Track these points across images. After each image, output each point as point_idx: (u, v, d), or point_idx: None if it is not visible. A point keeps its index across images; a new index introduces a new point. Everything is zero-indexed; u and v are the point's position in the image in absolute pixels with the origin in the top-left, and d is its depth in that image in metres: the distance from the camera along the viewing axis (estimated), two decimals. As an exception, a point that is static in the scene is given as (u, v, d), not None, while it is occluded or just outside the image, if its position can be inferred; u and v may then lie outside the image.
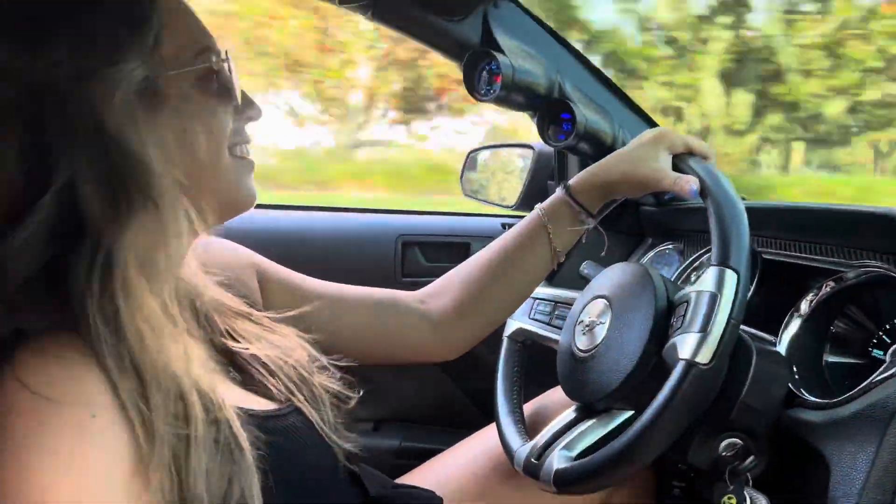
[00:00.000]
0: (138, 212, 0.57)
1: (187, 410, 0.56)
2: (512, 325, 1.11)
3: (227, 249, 0.86)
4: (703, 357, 0.70)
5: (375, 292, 0.95)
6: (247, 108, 0.71)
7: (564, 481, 0.80)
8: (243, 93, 0.70)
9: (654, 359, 0.77)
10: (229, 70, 0.67)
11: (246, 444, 0.59)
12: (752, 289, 0.97)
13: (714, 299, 0.71)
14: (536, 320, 1.08)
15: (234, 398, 0.63)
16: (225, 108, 0.67)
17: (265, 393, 0.71)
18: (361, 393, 0.81)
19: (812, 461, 0.76)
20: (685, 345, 0.71)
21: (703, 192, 0.81)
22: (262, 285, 0.87)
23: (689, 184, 0.82)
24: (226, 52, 0.67)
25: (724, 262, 0.73)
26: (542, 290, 1.10)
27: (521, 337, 1.10)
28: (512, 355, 1.10)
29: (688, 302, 0.74)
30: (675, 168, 0.87)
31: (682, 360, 0.71)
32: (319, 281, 0.93)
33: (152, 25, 0.60)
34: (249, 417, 0.62)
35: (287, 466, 0.64)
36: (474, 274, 0.94)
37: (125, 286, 0.55)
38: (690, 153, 0.88)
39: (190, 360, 0.59)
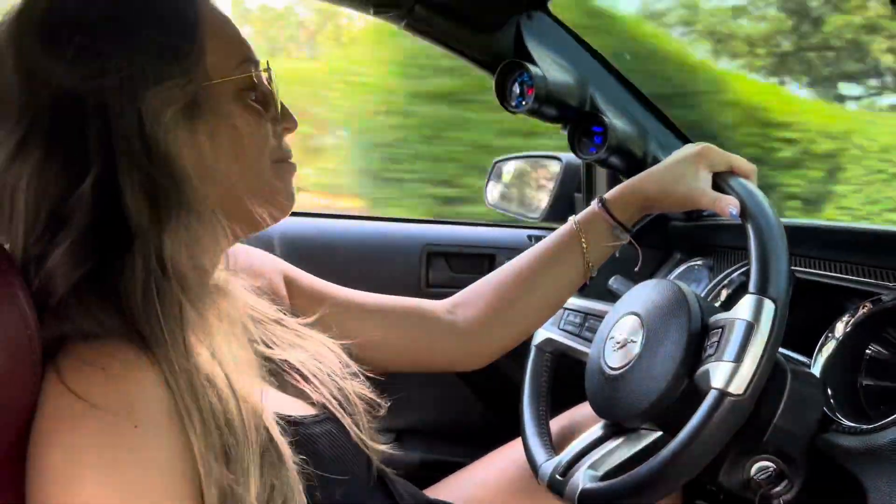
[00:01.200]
0: (180, 221, 0.57)
1: (233, 417, 0.56)
2: (541, 335, 1.10)
3: (256, 257, 0.86)
4: (737, 388, 0.68)
5: (402, 301, 0.95)
6: (285, 120, 0.71)
7: (589, 501, 0.79)
8: (281, 104, 0.70)
9: (686, 381, 0.75)
10: (269, 81, 0.68)
11: (287, 451, 0.59)
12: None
13: (750, 329, 0.70)
14: (566, 331, 1.07)
15: (271, 404, 0.63)
16: (264, 119, 0.67)
17: (299, 399, 0.71)
18: (390, 401, 0.81)
19: (848, 487, 0.74)
20: (718, 373, 0.70)
21: (744, 214, 0.79)
22: (290, 292, 0.88)
23: (730, 205, 0.80)
24: (266, 63, 0.68)
25: (762, 291, 0.71)
26: (573, 301, 1.09)
27: (550, 347, 1.09)
28: (540, 365, 1.09)
29: (723, 328, 0.73)
30: (716, 186, 0.85)
31: (714, 389, 0.69)
32: (346, 289, 0.93)
33: (197, 38, 0.61)
34: (287, 424, 0.63)
35: (323, 472, 0.64)
36: (505, 284, 0.94)
37: (171, 294, 0.56)
38: (731, 171, 0.86)
39: (234, 367, 0.59)
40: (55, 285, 0.55)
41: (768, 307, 0.70)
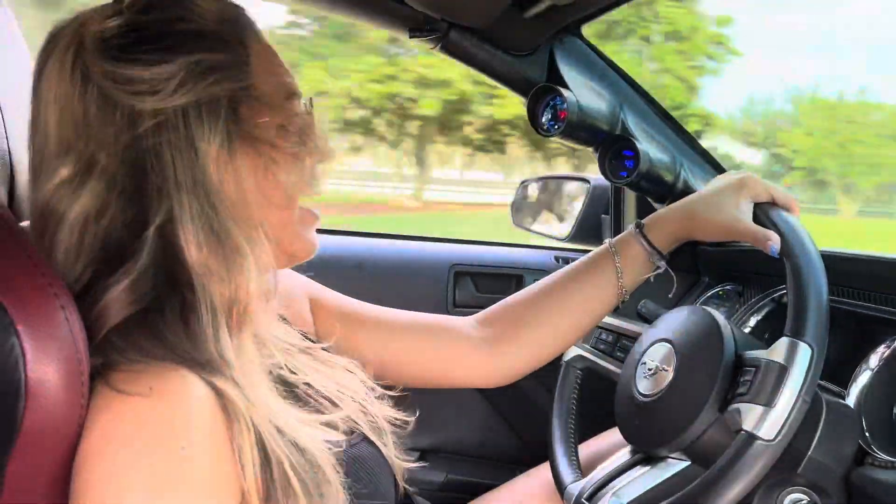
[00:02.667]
0: (243, 253, 0.59)
1: (282, 443, 0.57)
2: (572, 351, 1.10)
3: (283, 280, 0.87)
4: (767, 433, 0.68)
5: (426, 317, 0.95)
6: (324, 149, 0.71)
7: None
8: (322, 136, 0.71)
9: (717, 415, 0.75)
10: (310, 114, 0.69)
11: (334, 476, 0.60)
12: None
13: (784, 373, 0.69)
14: (598, 349, 1.07)
15: (309, 429, 0.63)
16: (305, 153, 0.68)
17: (328, 424, 0.72)
18: (414, 420, 0.81)
19: (884, 522, 0.73)
20: (749, 416, 0.69)
21: (785, 251, 0.78)
22: (315, 311, 0.88)
23: (770, 241, 0.79)
24: (310, 100, 0.69)
25: (798, 335, 0.71)
26: (606, 320, 1.09)
27: (581, 364, 1.09)
28: (570, 382, 1.08)
29: (757, 367, 0.72)
30: (756, 218, 0.84)
31: (744, 431, 0.69)
32: (370, 305, 0.93)
33: (245, 70, 0.62)
34: (329, 448, 0.63)
35: (360, 497, 0.64)
36: (535, 302, 0.93)
37: (223, 325, 0.57)
38: (773, 203, 0.85)
39: (275, 395, 0.60)
40: (107, 318, 0.55)
41: (804, 351, 0.70)
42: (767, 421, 0.68)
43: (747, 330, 1.10)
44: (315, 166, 0.71)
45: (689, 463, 0.82)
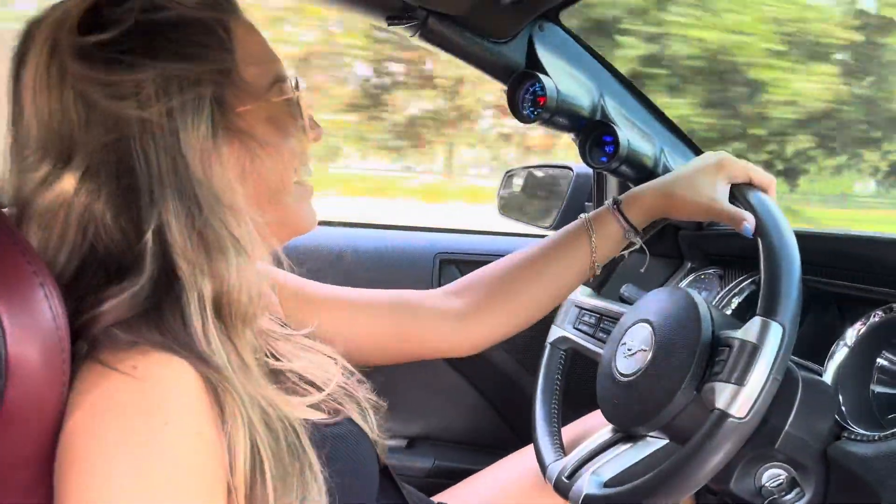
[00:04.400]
0: (226, 248, 0.59)
1: (268, 426, 0.57)
2: (556, 333, 1.11)
3: None
4: (739, 410, 0.69)
5: (390, 293, 0.95)
6: (312, 129, 0.72)
7: None
8: (310, 116, 0.71)
9: (694, 394, 0.76)
10: (298, 97, 0.68)
11: (315, 461, 0.60)
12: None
13: (755, 352, 0.70)
14: (581, 331, 1.08)
15: (292, 411, 0.64)
16: (294, 134, 0.68)
17: (311, 406, 0.72)
18: (390, 400, 0.81)
19: (861, 495, 0.74)
20: (722, 394, 0.71)
21: (759, 231, 0.79)
22: (279, 297, 0.88)
23: (745, 221, 0.80)
24: (296, 79, 0.69)
25: (770, 314, 0.71)
26: (589, 301, 1.09)
27: (565, 345, 1.10)
28: (554, 362, 1.09)
29: (731, 347, 0.73)
30: (732, 198, 0.84)
31: (717, 409, 0.70)
32: (333, 287, 0.93)
33: (229, 56, 0.61)
34: (313, 427, 0.63)
35: (344, 475, 0.65)
36: (508, 273, 0.94)
37: (209, 317, 0.58)
38: (750, 183, 0.86)
39: (261, 380, 0.60)
40: (108, 318, 0.56)
41: (775, 331, 0.71)
42: (739, 399, 0.69)
43: (729, 312, 1.12)
44: (306, 147, 0.71)
45: (668, 441, 0.83)
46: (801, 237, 0.79)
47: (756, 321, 0.72)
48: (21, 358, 0.48)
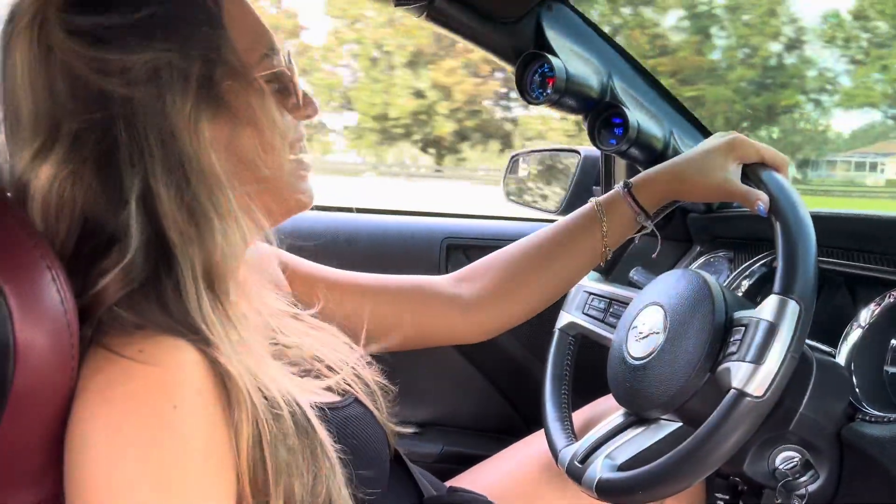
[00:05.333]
0: (215, 225, 0.58)
1: (274, 406, 0.57)
2: (565, 318, 1.10)
3: (255, 248, 0.87)
4: (756, 389, 0.68)
5: (399, 278, 0.94)
6: (306, 107, 0.71)
7: (606, 491, 0.80)
8: (302, 90, 0.70)
9: (708, 376, 0.75)
10: (291, 71, 0.67)
11: (327, 439, 0.60)
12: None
13: (772, 330, 0.69)
14: (590, 316, 1.07)
15: (301, 392, 0.64)
16: (286, 109, 0.67)
17: (321, 386, 0.72)
18: (398, 386, 0.80)
19: (875, 476, 0.74)
20: (738, 374, 0.70)
21: (773, 210, 0.77)
22: (288, 279, 0.87)
23: (759, 200, 0.78)
24: (288, 53, 0.68)
25: (787, 292, 0.70)
26: (598, 286, 1.08)
27: (574, 331, 1.09)
28: (563, 348, 1.08)
29: (746, 326, 0.72)
30: (745, 179, 0.83)
31: (734, 389, 0.69)
32: (342, 271, 0.93)
33: (219, 31, 0.61)
34: (319, 410, 0.63)
35: (355, 456, 0.65)
36: (517, 260, 0.93)
37: (211, 293, 0.58)
38: (762, 163, 0.84)
39: (266, 360, 0.60)
40: (105, 299, 0.55)
41: (792, 308, 0.70)
42: (757, 377, 0.68)
43: (739, 294, 1.11)
44: (299, 122, 0.70)
45: (681, 425, 0.83)
46: (814, 218, 0.78)
47: (773, 299, 0.71)
48: (30, 343, 0.48)
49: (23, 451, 0.51)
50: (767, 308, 0.71)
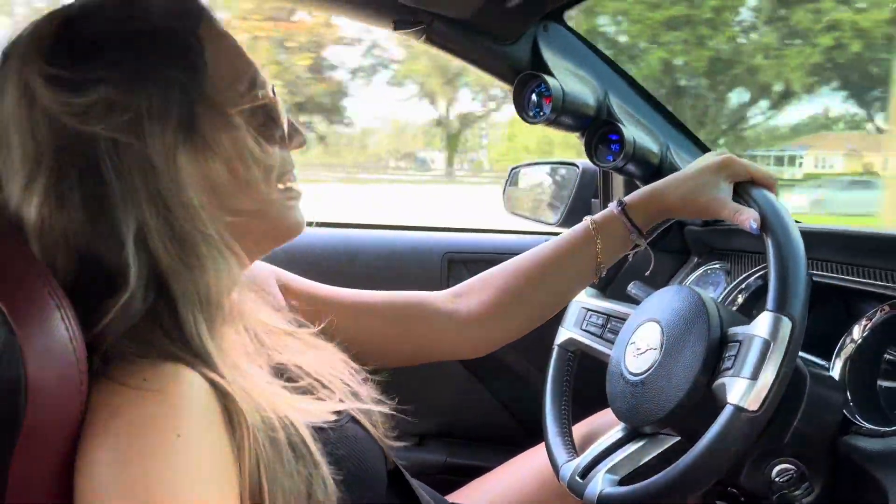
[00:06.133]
0: (202, 251, 0.59)
1: (270, 428, 0.58)
2: (563, 335, 1.12)
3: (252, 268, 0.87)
4: (752, 404, 0.70)
5: (396, 295, 0.95)
6: (293, 137, 0.71)
7: None
8: (289, 121, 0.70)
9: (704, 391, 0.77)
10: (275, 102, 0.68)
11: (321, 460, 0.61)
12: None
13: (766, 347, 0.71)
14: (588, 332, 1.08)
15: (296, 411, 0.65)
16: (273, 141, 0.67)
17: (318, 404, 0.72)
18: (397, 401, 0.81)
19: (869, 489, 0.75)
20: (734, 389, 0.71)
21: (764, 227, 0.79)
22: (285, 297, 0.88)
23: (750, 219, 0.80)
24: (272, 86, 0.68)
25: (779, 309, 0.72)
26: (595, 303, 1.10)
27: (573, 347, 1.10)
28: (562, 364, 1.10)
29: (740, 343, 0.74)
30: (737, 197, 0.85)
31: (730, 404, 0.71)
32: (339, 289, 0.93)
33: (200, 65, 0.61)
34: (315, 430, 0.64)
35: (350, 475, 0.66)
36: (513, 276, 0.94)
37: (207, 320, 0.59)
38: (752, 182, 0.86)
39: (261, 382, 0.61)
40: (109, 335, 0.56)
41: (785, 325, 0.71)
42: (753, 393, 0.70)
43: (735, 307, 1.12)
44: (286, 153, 0.70)
45: (680, 439, 0.84)
46: (806, 234, 0.80)
47: (766, 316, 0.73)
48: (40, 379, 0.49)
49: (34, 484, 0.51)
50: (761, 325, 0.73)
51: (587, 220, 0.93)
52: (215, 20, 0.65)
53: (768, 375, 0.70)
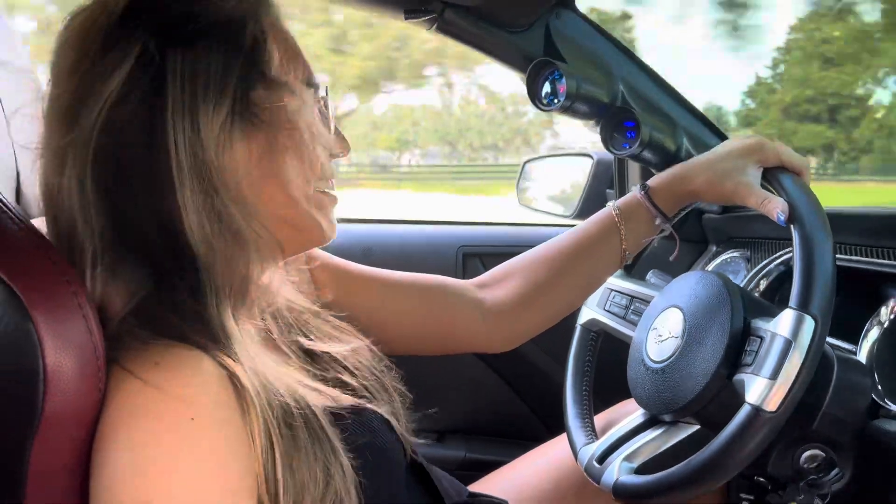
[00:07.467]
0: (241, 234, 0.59)
1: (287, 413, 0.57)
2: (586, 314, 1.10)
3: None
4: (770, 405, 0.68)
5: (425, 277, 0.93)
6: (338, 143, 0.71)
7: (622, 494, 0.81)
8: (336, 128, 0.70)
9: (724, 382, 0.75)
10: (326, 104, 0.68)
11: (339, 445, 0.61)
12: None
13: (788, 346, 0.69)
14: (611, 312, 1.07)
15: (316, 397, 0.64)
16: (320, 142, 0.67)
17: (341, 389, 0.72)
18: (420, 394, 0.80)
19: (900, 473, 0.74)
20: (753, 388, 0.70)
21: (792, 218, 0.76)
22: (311, 272, 0.87)
23: (778, 209, 0.76)
24: (325, 87, 0.68)
25: (803, 307, 0.70)
26: (619, 283, 1.08)
27: (595, 327, 1.09)
28: (585, 344, 1.08)
29: (762, 339, 0.72)
30: (765, 182, 0.82)
31: (748, 404, 0.70)
32: (366, 267, 0.92)
33: (264, 56, 0.62)
34: (334, 416, 0.64)
35: (369, 463, 0.65)
36: (537, 267, 0.92)
37: (228, 304, 0.58)
38: (783, 167, 0.83)
39: (283, 366, 0.61)
40: (121, 304, 0.56)
41: (808, 325, 0.69)
42: (771, 393, 0.68)
43: (758, 293, 1.11)
44: (328, 156, 0.70)
45: (700, 427, 0.83)
46: (833, 217, 0.78)
47: (789, 314, 0.71)
48: (58, 369, 0.49)
49: (53, 473, 0.51)
50: (784, 323, 0.71)
51: (610, 205, 0.92)
52: (281, 18, 0.66)
53: (788, 376, 0.68)
